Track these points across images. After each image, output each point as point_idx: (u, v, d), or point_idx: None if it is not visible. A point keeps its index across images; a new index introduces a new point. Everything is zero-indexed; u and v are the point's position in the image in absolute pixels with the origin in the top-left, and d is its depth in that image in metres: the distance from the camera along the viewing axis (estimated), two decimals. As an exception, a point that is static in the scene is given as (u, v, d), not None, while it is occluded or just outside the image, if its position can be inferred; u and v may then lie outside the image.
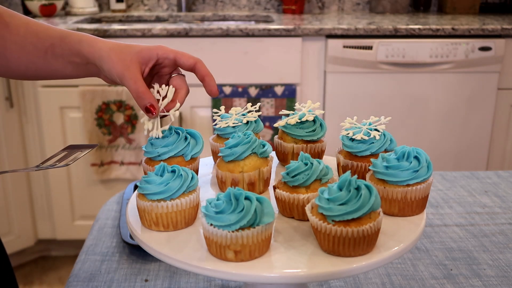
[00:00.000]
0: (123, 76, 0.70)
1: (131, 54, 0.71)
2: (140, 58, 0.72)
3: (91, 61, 0.74)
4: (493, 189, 1.13)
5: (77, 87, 2.12)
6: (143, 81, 0.71)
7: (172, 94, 0.74)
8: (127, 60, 0.71)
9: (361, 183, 0.60)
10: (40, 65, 0.78)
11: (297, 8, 2.56)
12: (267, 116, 2.17)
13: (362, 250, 0.59)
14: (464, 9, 2.59)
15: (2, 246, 0.93)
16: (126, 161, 2.21)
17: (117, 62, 0.71)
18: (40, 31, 0.77)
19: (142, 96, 0.71)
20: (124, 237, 0.91)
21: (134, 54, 0.71)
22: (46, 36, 0.76)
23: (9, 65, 0.78)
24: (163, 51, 0.73)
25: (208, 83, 0.75)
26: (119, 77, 0.71)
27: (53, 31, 0.77)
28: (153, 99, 0.71)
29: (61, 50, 0.76)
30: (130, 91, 0.71)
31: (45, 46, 0.76)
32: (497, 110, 2.24)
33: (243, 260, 0.59)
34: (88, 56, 0.73)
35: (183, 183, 0.65)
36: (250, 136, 0.73)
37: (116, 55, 0.71)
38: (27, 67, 0.78)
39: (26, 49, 0.77)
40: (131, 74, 0.70)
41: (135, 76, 0.70)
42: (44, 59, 0.77)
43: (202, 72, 0.74)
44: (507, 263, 0.87)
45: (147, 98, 0.71)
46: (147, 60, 0.73)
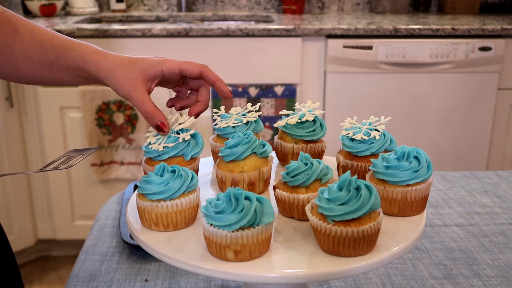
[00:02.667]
0: (130, 97, 0.71)
1: (136, 72, 0.71)
2: (145, 76, 0.72)
3: (97, 78, 0.74)
4: (493, 189, 1.13)
5: (77, 87, 2.12)
6: (150, 100, 0.72)
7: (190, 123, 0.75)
8: (132, 80, 0.71)
9: (361, 183, 0.60)
10: (47, 75, 0.77)
11: (297, 8, 2.56)
12: (267, 116, 2.17)
13: (362, 250, 0.59)
14: (464, 9, 2.60)
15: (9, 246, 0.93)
16: (126, 161, 2.21)
17: (123, 82, 0.71)
18: (44, 41, 0.76)
19: (152, 115, 0.71)
20: (124, 237, 0.91)
21: (138, 73, 0.71)
22: (50, 47, 0.76)
23: (17, 72, 0.78)
24: (168, 67, 0.73)
25: (220, 89, 0.75)
26: (126, 97, 0.72)
27: (57, 41, 0.76)
28: (163, 117, 0.72)
29: (66, 64, 0.75)
30: (139, 111, 0.72)
31: (49, 58, 0.76)
32: (497, 110, 2.24)
33: (243, 260, 0.59)
34: (94, 74, 0.73)
35: (183, 183, 0.65)
36: (250, 136, 0.73)
37: (121, 75, 0.71)
38: (33, 76, 0.78)
39: (32, 58, 0.76)
40: (138, 95, 0.71)
41: (142, 97, 0.71)
42: (51, 70, 0.77)
43: (210, 78, 0.74)
44: (507, 263, 0.87)
45: (156, 117, 0.71)
46: (152, 77, 0.73)
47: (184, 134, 0.75)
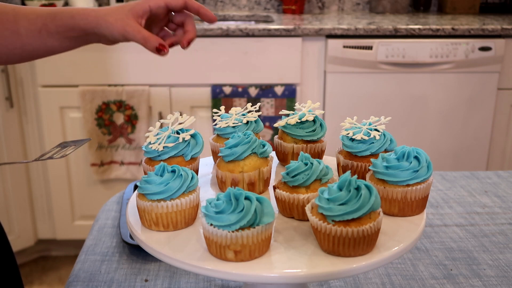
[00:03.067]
0: (126, 32, 0.76)
1: (125, 12, 0.77)
2: (134, 13, 0.77)
3: (90, 32, 0.78)
4: (493, 189, 1.13)
5: (77, 87, 2.12)
6: (145, 29, 0.77)
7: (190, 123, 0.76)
8: (123, 19, 0.76)
9: (361, 183, 0.60)
10: (36, 45, 0.80)
11: (297, 8, 2.56)
12: (267, 116, 2.17)
13: (362, 250, 0.59)
14: (464, 9, 2.60)
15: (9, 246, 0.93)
16: (126, 161, 2.21)
17: (116, 23, 0.76)
18: (29, 13, 0.79)
19: (149, 39, 0.76)
20: (124, 237, 0.91)
21: (128, 12, 0.77)
22: (36, 16, 0.79)
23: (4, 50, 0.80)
24: (154, 2, 0.78)
25: (204, 14, 0.80)
26: (122, 34, 0.77)
27: (42, 10, 0.80)
28: (160, 39, 0.77)
29: (55, 27, 0.79)
30: (137, 40, 0.76)
31: (37, 26, 0.79)
32: (497, 110, 2.24)
33: (243, 260, 0.59)
34: (86, 28, 0.78)
35: (183, 183, 0.65)
36: (250, 136, 0.73)
37: (112, 18, 0.76)
38: (22, 50, 0.81)
39: (19, 32, 0.79)
40: (132, 28, 0.76)
41: (136, 28, 0.76)
42: (39, 38, 0.80)
43: (194, 6, 0.80)
44: (507, 263, 0.87)
45: (154, 40, 0.76)
46: (141, 13, 0.78)
47: (184, 134, 0.75)
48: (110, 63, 2.12)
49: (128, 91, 2.12)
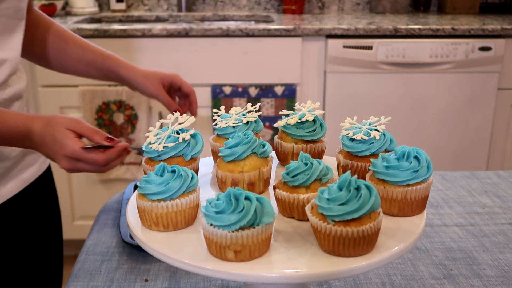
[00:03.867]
0: (157, 95, 1.07)
1: (157, 79, 1.06)
2: (163, 82, 1.08)
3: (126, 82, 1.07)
4: (493, 189, 1.13)
5: (77, 87, 2.12)
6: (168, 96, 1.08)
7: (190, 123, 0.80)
8: (155, 84, 1.06)
9: (361, 183, 0.60)
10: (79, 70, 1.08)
11: (297, 8, 2.56)
12: (267, 116, 2.17)
13: (362, 250, 0.59)
14: (464, 9, 2.60)
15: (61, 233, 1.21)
16: (126, 161, 2.21)
17: (150, 86, 1.06)
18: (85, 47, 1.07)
19: (172, 105, 1.07)
20: (124, 237, 0.91)
21: (159, 80, 1.07)
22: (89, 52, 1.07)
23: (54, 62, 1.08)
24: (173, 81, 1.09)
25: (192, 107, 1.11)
26: (152, 95, 1.07)
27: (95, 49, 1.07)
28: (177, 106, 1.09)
29: (101, 66, 1.07)
30: (163, 103, 1.07)
31: (88, 59, 1.07)
32: (497, 110, 2.24)
33: (243, 260, 0.59)
34: (125, 78, 1.06)
35: (183, 183, 0.65)
36: (250, 136, 0.73)
37: (148, 81, 1.06)
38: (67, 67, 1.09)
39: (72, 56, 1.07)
40: (162, 94, 1.07)
41: (164, 94, 1.07)
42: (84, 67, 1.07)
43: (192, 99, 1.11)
44: (507, 263, 0.87)
45: (173, 105, 1.08)
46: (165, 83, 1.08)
47: (184, 134, 0.75)
48: (110, 63, 2.12)
49: (128, 91, 2.12)
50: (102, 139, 0.80)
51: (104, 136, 0.80)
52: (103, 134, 0.81)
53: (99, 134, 0.80)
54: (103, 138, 0.80)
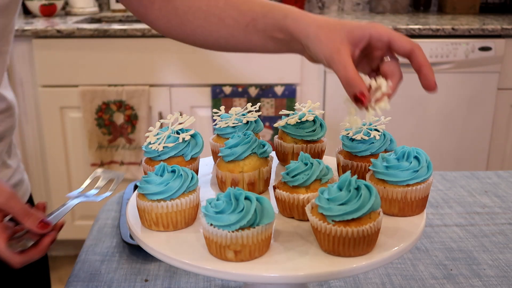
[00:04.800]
0: (332, 59, 0.63)
1: (341, 33, 0.64)
2: (351, 39, 0.64)
3: (296, 38, 0.68)
4: (493, 189, 1.13)
5: (77, 87, 2.12)
6: (353, 66, 0.63)
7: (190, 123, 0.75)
8: (336, 41, 0.64)
9: (361, 183, 0.60)
10: (240, 39, 0.76)
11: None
12: (267, 116, 2.17)
13: (362, 250, 0.59)
14: (464, 9, 2.59)
15: None
16: (126, 161, 2.21)
17: (326, 43, 0.64)
18: (241, 4, 0.75)
19: (353, 83, 0.62)
20: (124, 237, 0.91)
21: (344, 34, 0.64)
22: (248, 9, 0.74)
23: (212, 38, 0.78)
24: (377, 32, 0.65)
25: (425, 75, 0.65)
26: (326, 59, 0.64)
27: (254, 4, 0.74)
28: (364, 87, 0.63)
29: (263, 25, 0.72)
30: (338, 76, 0.63)
31: (246, 20, 0.74)
32: (497, 110, 2.24)
33: (243, 260, 0.59)
34: (294, 32, 0.68)
35: (183, 183, 0.65)
36: (250, 136, 0.73)
37: (325, 35, 0.64)
38: (226, 40, 0.77)
39: (226, 22, 0.75)
40: (341, 58, 0.63)
41: (345, 60, 0.63)
42: (245, 33, 0.75)
43: (419, 61, 0.66)
44: (507, 263, 0.87)
45: (357, 86, 0.62)
46: (358, 40, 0.65)
47: (184, 134, 0.75)
48: (110, 63, 2.12)
49: (128, 91, 2.12)
50: (34, 224, 0.66)
51: (37, 219, 0.66)
52: (38, 216, 0.67)
53: (32, 218, 0.66)
54: (35, 223, 0.66)
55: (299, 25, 0.67)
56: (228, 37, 0.77)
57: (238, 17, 0.75)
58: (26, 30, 2.05)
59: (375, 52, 0.67)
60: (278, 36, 0.71)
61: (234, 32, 0.76)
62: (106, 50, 2.11)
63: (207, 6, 0.76)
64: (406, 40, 0.66)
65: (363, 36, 0.65)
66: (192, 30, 0.79)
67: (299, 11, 0.69)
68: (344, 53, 0.63)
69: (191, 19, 0.78)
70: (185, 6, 0.78)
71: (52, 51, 2.10)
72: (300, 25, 0.67)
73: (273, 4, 0.72)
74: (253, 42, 0.75)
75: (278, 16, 0.70)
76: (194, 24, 0.78)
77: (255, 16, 0.73)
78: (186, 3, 0.78)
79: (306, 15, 0.68)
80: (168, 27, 0.82)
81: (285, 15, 0.69)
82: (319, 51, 0.65)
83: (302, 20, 0.67)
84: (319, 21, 0.66)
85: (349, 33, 0.64)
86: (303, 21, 0.67)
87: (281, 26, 0.70)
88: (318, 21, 0.66)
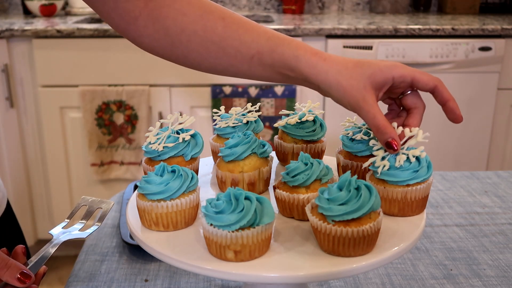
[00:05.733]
0: (359, 108, 0.63)
1: (363, 78, 0.63)
2: (374, 84, 0.63)
3: (313, 83, 0.66)
4: (493, 189, 1.13)
5: (77, 87, 2.12)
6: (381, 113, 0.63)
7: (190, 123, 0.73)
8: (360, 88, 0.62)
9: (361, 183, 0.60)
10: (242, 69, 0.70)
11: (297, 8, 2.56)
12: (267, 116, 2.17)
13: (362, 250, 0.59)
14: (464, 9, 2.60)
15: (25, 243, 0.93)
16: (126, 161, 2.21)
17: (350, 91, 0.62)
18: (242, 33, 0.68)
19: (383, 130, 0.63)
20: (124, 237, 0.91)
21: (366, 79, 0.63)
22: (251, 41, 0.68)
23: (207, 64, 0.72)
24: (400, 74, 0.64)
25: (451, 109, 0.67)
26: (352, 107, 0.63)
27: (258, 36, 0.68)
28: (395, 133, 0.64)
29: (271, 60, 0.67)
30: (368, 124, 0.64)
31: (250, 53, 0.68)
32: (497, 110, 2.24)
33: (243, 260, 0.59)
34: (310, 78, 0.65)
35: (183, 183, 0.65)
36: (250, 136, 0.73)
37: (347, 82, 0.63)
38: (226, 68, 0.72)
39: (227, 51, 0.69)
40: (369, 107, 0.62)
41: (373, 109, 0.62)
42: (249, 65, 0.69)
43: (443, 97, 0.66)
44: (507, 263, 0.87)
45: (389, 133, 0.63)
46: (381, 85, 0.64)
47: (184, 134, 0.75)
48: (110, 63, 2.12)
49: (128, 91, 2.12)
50: (13, 277, 0.60)
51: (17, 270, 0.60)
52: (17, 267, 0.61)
53: (11, 269, 0.60)
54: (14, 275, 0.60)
55: (315, 71, 0.64)
56: (228, 66, 0.71)
57: (241, 48, 0.68)
58: (26, 30, 2.05)
59: (397, 90, 0.68)
60: (289, 74, 0.67)
61: (236, 63, 0.70)
62: (106, 50, 2.11)
63: (203, 31, 0.69)
64: (428, 78, 0.65)
65: (386, 80, 0.64)
66: (185, 53, 0.72)
67: (310, 50, 0.65)
68: (370, 100, 0.63)
69: (185, 41, 0.70)
70: (178, 27, 0.70)
71: (52, 51, 2.10)
72: (316, 71, 0.64)
73: (279, 37, 0.67)
74: (258, 74, 0.70)
75: (288, 55, 0.66)
76: (188, 47, 0.71)
77: (261, 50, 0.67)
78: (178, 24, 0.70)
79: (319, 58, 0.64)
80: (155, 46, 0.73)
81: (296, 56, 0.65)
82: (342, 99, 0.64)
83: (318, 66, 0.64)
84: (337, 66, 0.63)
85: (371, 77, 0.63)
86: (320, 66, 0.64)
87: (292, 67, 0.66)
88: (336, 66, 0.63)
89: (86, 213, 0.73)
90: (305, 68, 0.65)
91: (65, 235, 0.69)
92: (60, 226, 0.71)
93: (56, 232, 0.70)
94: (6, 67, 2.09)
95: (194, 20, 0.69)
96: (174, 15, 0.70)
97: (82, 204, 0.74)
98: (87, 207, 0.74)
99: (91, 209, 0.73)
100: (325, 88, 0.65)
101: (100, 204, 0.74)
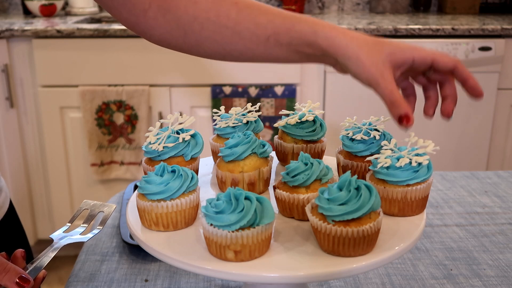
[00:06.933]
0: (377, 83, 0.62)
1: (382, 55, 0.63)
2: (394, 62, 0.64)
3: (331, 56, 0.64)
4: (493, 189, 1.13)
5: (77, 87, 2.12)
6: (398, 90, 0.63)
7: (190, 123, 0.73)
8: (379, 64, 0.62)
9: (361, 183, 0.60)
10: (258, 52, 0.69)
11: (297, 8, 2.56)
12: (267, 116, 2.17)
13: (362, 250, 0.59)
14: (464, 9, 2.59)
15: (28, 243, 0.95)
16: (126, 161, 2.21)
17: (369, 66, 0.62)
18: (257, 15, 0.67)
19: (398, 104, 0.63)
20: (124, 237, 0.91)
21: (386, 56, 0.63)
22: (267, 22, 0.66)
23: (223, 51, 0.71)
24: (420, 56, 0.64)
25: (471, 86, 0.66)
26: (370, 82, 0.63)
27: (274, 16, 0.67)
28: (409, 109, 0.63)
29: (288, 38, 0.66)
30: (383, 98, 0.64)
31: (266, 33, 0.67)
32: (497, 110, 2.24)
33: (243, 260, 0.59)
34: (328, 51, 0.64)
35: (183, 183, 0.65)
36: (250, 136, 0.73)
37: (366, 56, 0.62)
38: (241, 53, 0.70)
39: (242, 35, 0.68)
40: (386, 83, 0.62)
41: (391, 85, 0.62)
42: (265, 47, 0.68)
43: (463, 75, 0.66)
44: (507, 263, 0.87)
45: (403, 108, 0.63)
46: (400, 64, 0.64)
47: (184, 134, 0.75)
48: (110, 63, 2.12)
49: (128, 91, 2.12)
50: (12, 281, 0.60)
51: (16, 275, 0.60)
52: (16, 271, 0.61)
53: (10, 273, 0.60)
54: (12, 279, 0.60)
55: (334, 43, 0.63)
56: (244, 50, 0.70)
57: (257, 30, 0.67)
58: (26, 30, 2.05)
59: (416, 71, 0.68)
60: (306, 51, 0.66)
61: (252, 46, 0.68)
62: (106, 50, 2.11)
63: (216, 17, 0.68)
64: (448, 59, 0.65)
65: (405, 60, 0.64)
66: (198, 41, 0.71)
67: (328, 25, 0.64)
68: (389, 76, 0.63)
69: (197, 30, 0.70)
70: (190, 16, 0.69)
71: (52, 51, 2.10)
72: (335, 43, 0.63)
73: (295, 16, 0.67)
74: (274, 55, 0.69)
75: (306, 31, 0.65)
76: (202, 35, 0.70)
77: (277, 30, 0.66)
78: (190, 13, 0.69)
79: (338, 32, 0.64)
80: (167, 38, 0.73)
81: (315, 31, 0.64)
82: (361, 73, 0.63)
83: (337, 38, 0.63)
84: (357, 40, 0.63)
85: (391, 55, 0.63)
86: (339, 40, 0.63)
87: (311, 42, 0.65)
88: (356, 40, 0.63)
89: (87, 217, 0.73)
90: (324, 42, 0.63)
91: (66, 239, 0.69)
92: (62, 230, 0.71)
93: (57, 236, 0.70)
94: (6, 67, 2.09)
95: (207, 7, 0.68)
96: (185, 4, 0.69)
97: (83, 208, 0.74)
98: (88, 210, 0.74)
99: (93, 212, 0.73)
100: (343, 61, 0.64)
101: (102, 207, 0.74)
